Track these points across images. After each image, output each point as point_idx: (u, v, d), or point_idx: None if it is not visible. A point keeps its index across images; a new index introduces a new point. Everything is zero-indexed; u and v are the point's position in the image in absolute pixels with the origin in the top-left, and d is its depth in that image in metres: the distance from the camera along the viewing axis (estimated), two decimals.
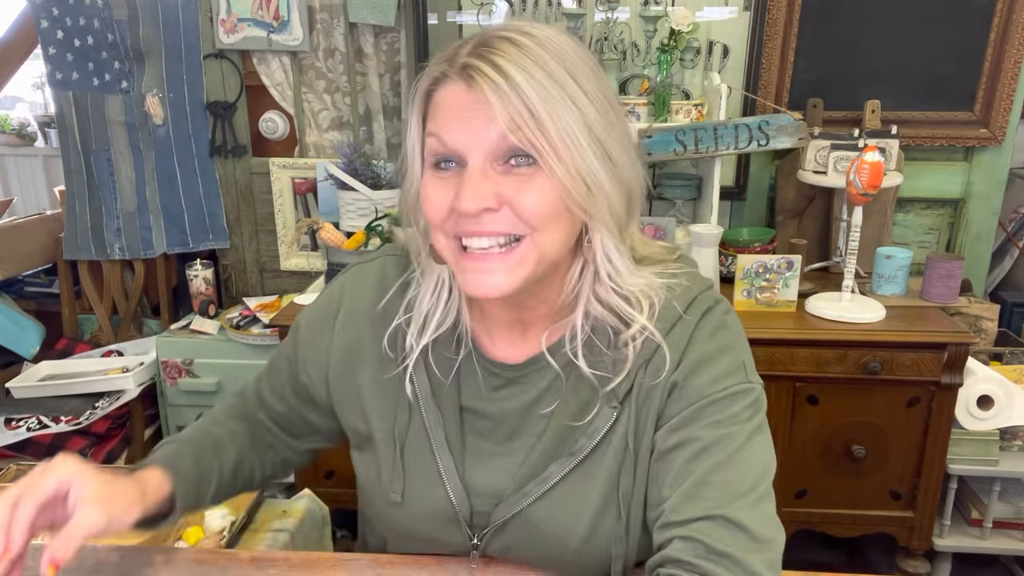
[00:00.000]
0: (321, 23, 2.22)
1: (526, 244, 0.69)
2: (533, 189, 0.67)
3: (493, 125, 0.65)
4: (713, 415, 0.73)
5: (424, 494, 0.81)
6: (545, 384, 0.79)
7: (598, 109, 0.68)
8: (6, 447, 2.05)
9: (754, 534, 0.67)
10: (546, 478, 0.77)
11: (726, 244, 2.03)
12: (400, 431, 0.82)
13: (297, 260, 2.41)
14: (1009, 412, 1.82)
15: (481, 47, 0.67)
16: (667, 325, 0.76)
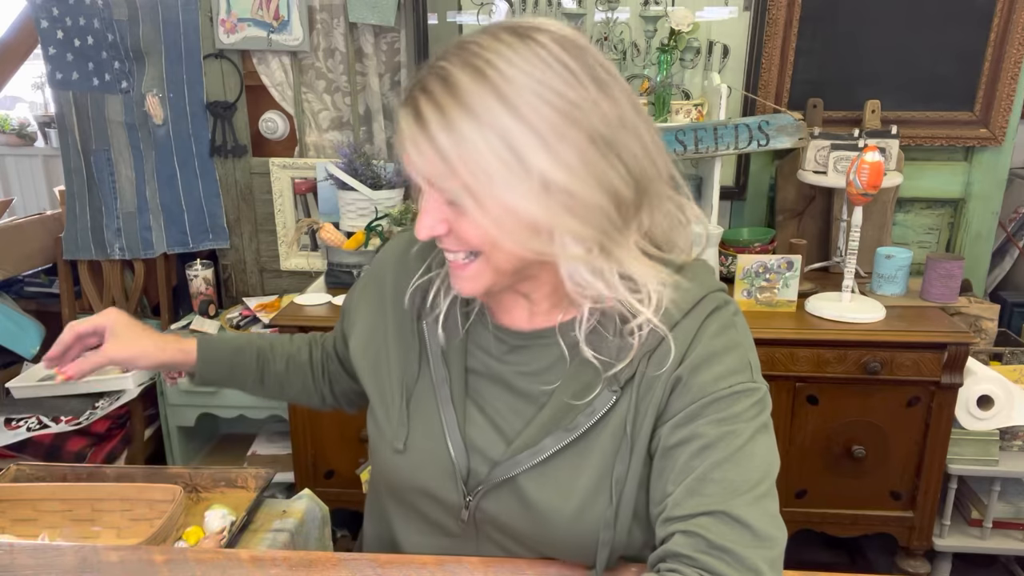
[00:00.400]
0: (321, 23, 2.22)
1: (480, 261, 0.75)
2: (468, 222, 0.71)
3: (417, 164, 0.70)
4: (718, 412, 0.74)
5: (425, 445, 0.84)
6: (551, 359, 0.81)
7: (548, 129, 0.66)
8: (6, 447, 2.05)
9: (755, 531, 0.68)
10: (540, 450, 0.79)
11: (726, 244, 2.03)
12: (409, 383, 0.86)
13: (297, 260, 2.41)
14: (1009, 412, 1.82)
15: (423, 74, 0.70)
16: (674, 319, 0.77)
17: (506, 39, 0.68)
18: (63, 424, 2.05)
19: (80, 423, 2.06)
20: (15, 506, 1.20)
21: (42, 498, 1.20)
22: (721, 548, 0.67)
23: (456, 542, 0.87)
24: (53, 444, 2.10)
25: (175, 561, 0.88)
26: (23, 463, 1.28)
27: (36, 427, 2.05)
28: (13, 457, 2.05)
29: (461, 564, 0.85)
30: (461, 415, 0.84)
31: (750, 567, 0.66)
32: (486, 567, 0.84)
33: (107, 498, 1.22)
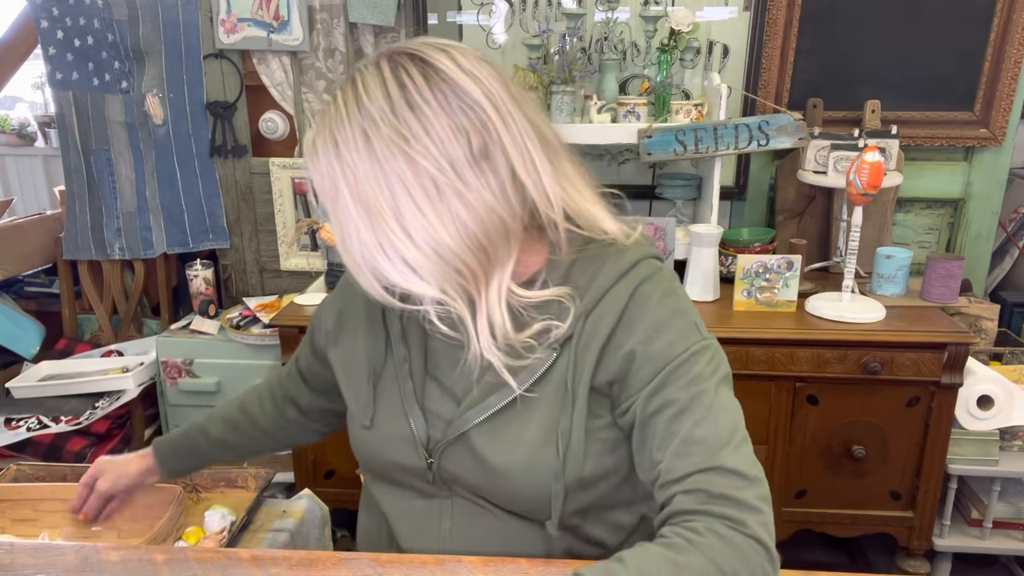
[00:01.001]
0: (321, 23, 2.22)
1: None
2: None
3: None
4: (683, 376, 0.79)
5: (389, 420, 0.91)
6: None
7: (419, 156, 0.71)
8: (6, 447, 2.05)
9: (744, 475, 0.75)
10: (486, 407, 0.85)
11: (726, 244, 2.03)
12: (376, 368, 0.92)
13: (297, 260, 2.41)
14: (1009, 412, 1.82)
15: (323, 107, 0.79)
16: (609, 281, 0.83)
17: (371, 68, 0.76)
18: (63, 424, 2.05)
19: (80, 423, 2.06)
20: (15, 506, 1.20)
21: (42, 498, 1.20)
22: (721, 496, 0.73)
23: (434, 503, 0.92)
24: (53, 444, 2.10)
25: (175, 561, 0.88)
26: (23, 463, 1.28)
27: (36, 427, 2.05)
28: (13, 457, 2.05)
29: (461, 563, 0.85)
30: (420, 389, 0.90)
31: (750, 506, 0.73)
32: (486, 565, 0.84)
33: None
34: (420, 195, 0.71)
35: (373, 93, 0.73)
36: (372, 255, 0.74)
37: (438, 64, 0.74)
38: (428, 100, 0.72)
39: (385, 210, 0.72)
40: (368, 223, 0.72)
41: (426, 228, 0.71)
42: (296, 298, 2.03)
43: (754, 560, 0.71)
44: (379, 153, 0.71)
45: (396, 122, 0.72)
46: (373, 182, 0.72)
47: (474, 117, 0.73)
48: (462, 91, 0.73)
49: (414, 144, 0.71)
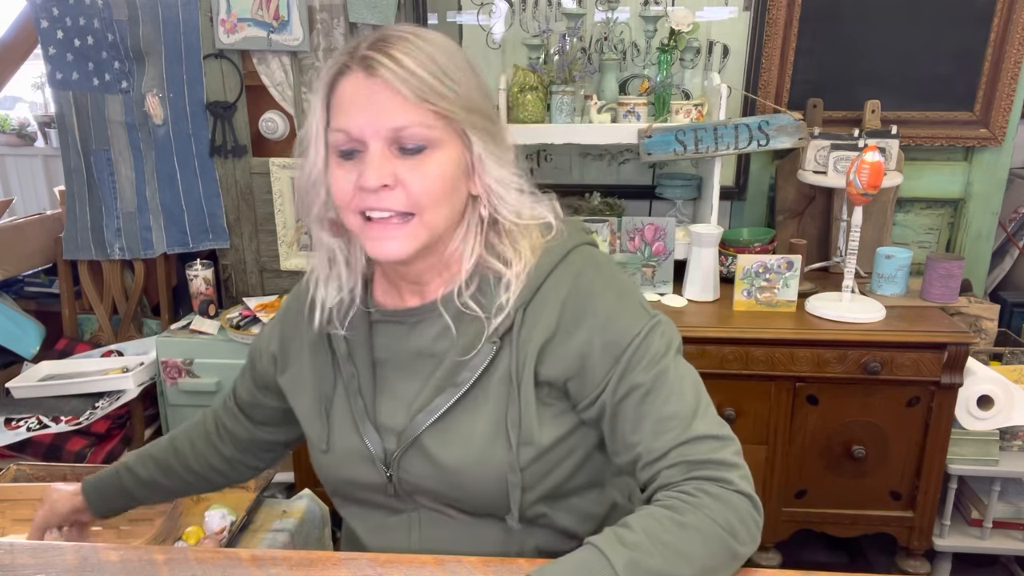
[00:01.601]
0: (321, 23, 2.22)
1: (415, 221, 0.81)
2: (423, 172, 0.79)
3: (390, 114, 0.77)
4: (642, 359, 0.82)
5: (344, 440, 0.91)
6: (438, 329, 0.88)
7: (480, 95, 0.83)
8: (6, 447, 2.05)
9: (717, 436, 0.80)
10: (433, 409, 0.86)
11: (726, 244, 2.03)
12: (327, 391, 0.93)
13: (297, 260, 2.41)
14: (1009, 412, 1.82)
15: (379, 43, 0.79)
16: (546, 269, 0.85)
17: (428, 31, 0.83)
18: (63, 424, 2.05)
19: (80, 423, 2.06)
20: (15, 506, 1.20)
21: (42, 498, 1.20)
22: (703, 461, 0.78)
23: (401, 517, 0.92)
24: (53, 444, 2.10)
25: (175, 561, 0.88)
26: (23, 463, 1.28)
27: (36, 427, 2.05)
28: (13, 457, 2.05)
29: (461, 563, 0.85)
30: (371, 404, 0.90)
31: (725, 463, 0.78)
32: (486, 565, 0.84)
33: None
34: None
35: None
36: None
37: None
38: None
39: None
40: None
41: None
42: None
43: (743, 510, 0.77)
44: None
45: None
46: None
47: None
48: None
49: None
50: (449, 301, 0.87)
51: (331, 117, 0.82)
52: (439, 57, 0.79)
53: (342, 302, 0.92)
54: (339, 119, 0.80)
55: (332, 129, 0.81)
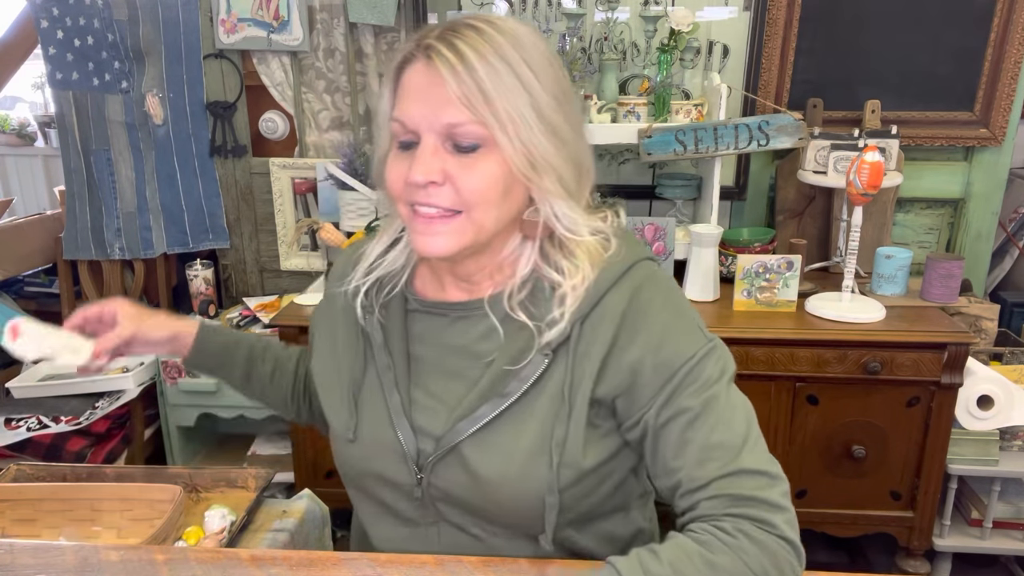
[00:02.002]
0: (321, 23, 2.22)
1: (463, 219, 0.78)
2: (475, 172, 0.76)
3: (446, 107, 0.74)
4: (693, 383, 0.78)
5: (374, 432, 0.88)
6: (484, 329, 0.85)
7: (549, 93, 0.77)
8: (6, 447, 2.05)
9: (767, 473, 0.76)
10: (477, 418, 0.82)
11: (726, 244, 2.03)
12: (356, 377, 0.90)
13: (297, 260, 2.41)
14: (1009, 412, 1.82)
15: (447, 31, 0.76)
16: (607, 284, 0.81)
17: (508, 20, 0.79)
18: (63, 424, 2.05)
19: (80, 423, 2.06)
20: (15, 506, 1.20)
21: (42, 498, 1.20)
22: (747, 498, 0.74)
23: (419, 531, 0.89)
24: (53, 444, 2.09)
25: (175, 561, 0.88)
26: (23, 463, 1.28)
27: (36, 427, 2.05)
28: (13, 457, 2.05)
29: (461, 563, 0.85)
30: (406, 399, 0.87)
31: (772, 505, 0.74)
32: (486, 566, 0.84)
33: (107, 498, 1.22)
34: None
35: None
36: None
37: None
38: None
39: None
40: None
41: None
42: (296, 298, 2.03)
43: (783, 560, 0.73)
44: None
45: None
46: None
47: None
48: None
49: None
50: (497, 302, 0.84)
51: (395, 105, 0.80)
52: (510, 53, 0.75)
53: (381, 283, 0.90)
54: (398, 108, 0.79)
55: (392, 118, 0.79)
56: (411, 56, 0.77)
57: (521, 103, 0.75)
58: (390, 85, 0.80)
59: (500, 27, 0.76)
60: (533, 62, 0.76)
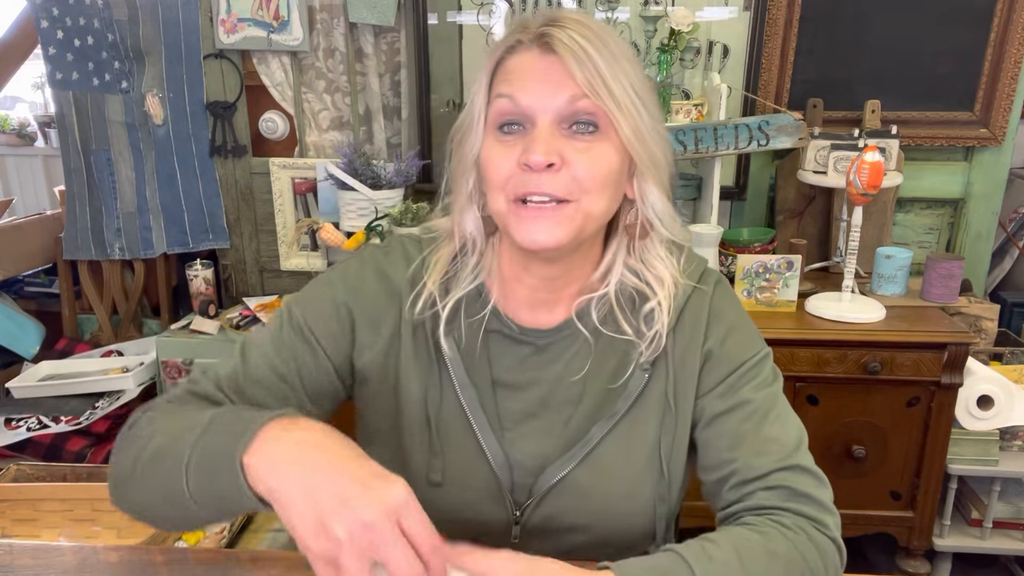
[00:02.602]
0: (321, 23, 2.22)
1: (572, 207, 0.74)
2: (592, 155, 0.73)
3: (564, 89, 0.72)
4: (754, 378, 0.80)
5: (466, 472, 0.81)
6: (575, 350, 0.82)
7: (646, 88, 0.76)
8: (6, 447, 2.05)
9: (818, 476, 0.77)
10: (589, 440, 0.80)
11: (726, 244, 2.03)
12: (433, 409, 0.81)
13: (297, 260, 2.41)
14: (1009, 412, 1.82)
15: (554, 22, 0.74)
16: (687, 292, 0.83)
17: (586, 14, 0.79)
18: (63, 424, 2.05)
19: (80, 423, 2.06)
20: (15, 506, 1.20)
21: (42, 498, 1.20)
22: (803, 495, 0.74)
23: None
24: (53, 444, 2.10)
25: (175, 561, 0.88)
26: (23, 463, 1.28)
27: (36, 427, 2.05)
28: (13, 457, 2.05)
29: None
30: (498, 432, 0.81)
31: (825, 507, 0.75)
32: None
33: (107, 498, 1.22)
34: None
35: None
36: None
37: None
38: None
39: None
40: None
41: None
42: None
43: (832, 561, 0.73)
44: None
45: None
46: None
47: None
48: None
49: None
50: (586, 315, 0.81)
51: (493, 88, 0.76)
52: (615, 47, 0.74)
53: (459, 302, 0.82)
54: (506, 87, 0.74)
55: (496, 95, 0.75)
56: (517, 44, 0.75)
57: (632, 94, 0.74)
58: (487, 75, 0.76)
59: (599, 23, 0.76)
60: (630, 57, 0.76)
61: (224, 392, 0.82)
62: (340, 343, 0.83)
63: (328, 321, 0.83)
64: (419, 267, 0.84)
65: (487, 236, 0.82)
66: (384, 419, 0.84)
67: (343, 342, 0.83)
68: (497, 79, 0.76)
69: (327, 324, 0.83)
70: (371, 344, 0.83)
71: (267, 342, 0.84)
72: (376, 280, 0.84)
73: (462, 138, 0.79)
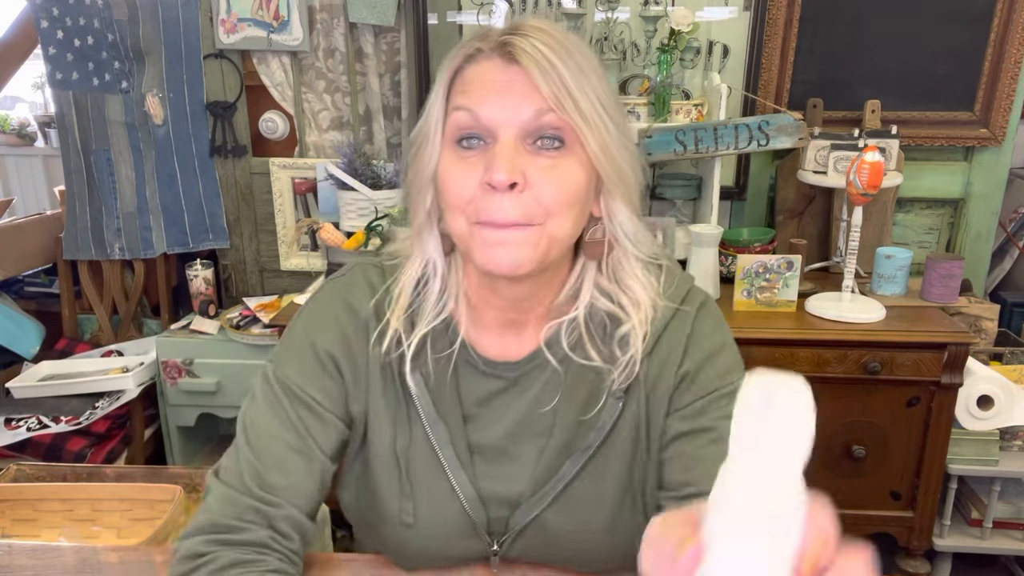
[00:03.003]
0: (321, 23, 2.22)
1: (537, 231, 0.69)
2: (557, 174, 0.69)
3: (529, 102, 0.67)
4: (723, 408, 0.75)
5: (438, 511, 0.79)
6: (545, 380, 0.79)
7: (612, 98, 0.72)
8: (6, 447, 2.05)
9: None
10: (562, 477, 0.77)
11: (726, 244, 2.03)
12: (402, 448, 0.79)
13: (297, 260, 2.41)
14: (1009, 412, 1.82)
15: (516, 30, 0.69)
16: (667, 315, 0.78)
17: (560, 27, 0.73)
18: (63, 424, 2.05)
19: (80, 423, 2.06)
20: (15, 506, 1.20)
21: (42, 498, 1.20)
22: None
23: None
24: (53, 444, 2.10)
25: None
26: (23, 463, 1.28)
27: (36, 427, 2.05)
28: (13, 457, 2.05)
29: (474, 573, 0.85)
30: (470, 469, 0.79)
31: None
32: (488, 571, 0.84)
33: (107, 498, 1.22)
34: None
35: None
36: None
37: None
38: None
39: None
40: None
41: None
42: (296, 298, 2.03)
43: None
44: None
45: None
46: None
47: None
48: None
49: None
50: (555, 343, 0.77)
51: (451, 99, 0.71)
52: (579, 56, 0.69)
53: (425, 337, 0.77)
54: (464, 99, 0.69)
55: (454, 107, 0.70)
56: (476, 53, 0.70)
57: (600, 107, 0.69)
58: (444, 83, 0.72)
59: (563, 32, 0.71)
60: (596, 70, 0.71)
61: (251, 496, 0.75)
62: (337, 396, 0.80)
63: (320, 378, 0.79)
64: (382, 298, 0.80)
65: (446, 255, 0.78)
66: (356, 461, 0.83)
67: (339, 394, 0.80)
68: (455, 89, 0.71)
69: (320, 381, 0.79)
70: (355, 387, 0.81)
71: (270, 420, 0.78)
72: (347, 316, 0.80)
73: (418, 151, 0.74)
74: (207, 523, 0.74)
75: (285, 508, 0.75)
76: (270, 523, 0.75)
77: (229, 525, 0.74)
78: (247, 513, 0.74)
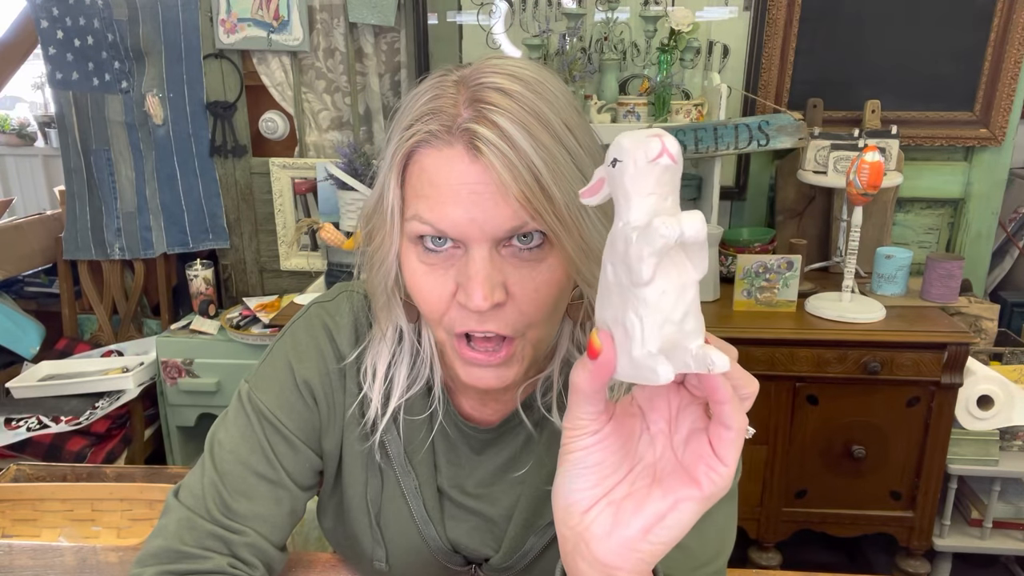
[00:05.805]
0: (321, 23, 2.22)
1: (520, 344, 0.64)
2: (537, 281, 0.62)
3: (499, 211, 0.58)
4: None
5: (410, 559, 0.78)
6: (519, 443, 0.76)
7: (587, 151, 0.61)
8: (6, 447, 2.05)
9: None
10: (527, 552, 0.75)
11: (726, 244, 2.03)
12: (373, 496, 0.77)
13: (297, 260, 2.41)
14: (1009, 412, 1.82)
15: (476, 105, 0.58)
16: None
17: (524, 66, 0.62)
18: (63, 424, 2.05)
19: (80, 423, 2.06)
20: (15, 506, 1.20)
21: (42, 498, 1.20)
22: None
23: None
24: (53, 444, 2.10)
25: None
26: (23, 463, 1.28)
27: (36, 427, 2.05)
28: (13, 457, 2.05)
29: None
30: (439, 523, 0.77)
31: None
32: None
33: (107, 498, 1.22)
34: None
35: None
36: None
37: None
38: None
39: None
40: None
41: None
42: (296, 298, 2.03)
43: None
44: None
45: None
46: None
47: None
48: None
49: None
50: (532, 403, 0.74)
51: (407, 199, 0.62)
52: (551, 118, 0.59)
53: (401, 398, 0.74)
54: (424, 208, 0.60)
55: (412, 216, 0.61)
56: (431, 138, 0.60)
57: (576, 188, 0.57)
58: (397, 168, 0.62)
59: (529, 83, 0.60)
60: (571, 122, 0.61)
61: (212, 521, 0.72)
62: (311, 427, 0.77)
63: (296, 406, 0.76)
64: (362, 354, 0.76)
65: (413, 322, 0.73)
66: (331, 498, 0.82)
67: (313, 425, 0.77)
68: (411, 182, 0.62)
69: (296, 410, 0.76)
70: (330, 423, 0.78)
71: (239, 443, 0.75)
72: (331, 352, 0.77)
73: (373, 231, 0.67)
74: (163, 550, 0.71)
75: (248, 535, 0.73)
76: (231, 550, 0.72)
77: (187, 553, 0.70)
78: (207, 540, 0.71)
